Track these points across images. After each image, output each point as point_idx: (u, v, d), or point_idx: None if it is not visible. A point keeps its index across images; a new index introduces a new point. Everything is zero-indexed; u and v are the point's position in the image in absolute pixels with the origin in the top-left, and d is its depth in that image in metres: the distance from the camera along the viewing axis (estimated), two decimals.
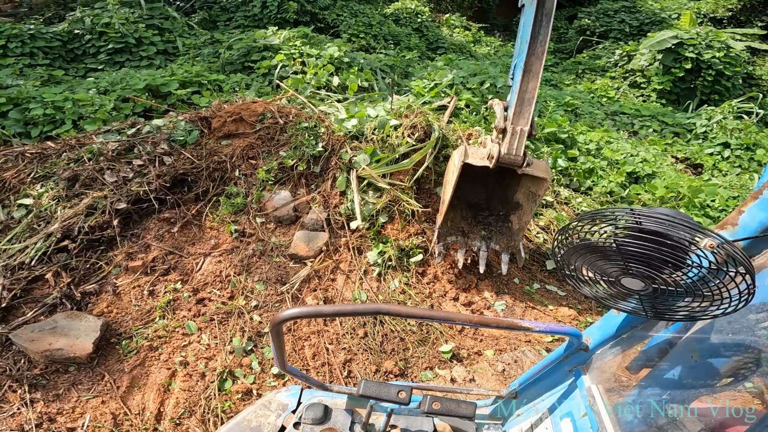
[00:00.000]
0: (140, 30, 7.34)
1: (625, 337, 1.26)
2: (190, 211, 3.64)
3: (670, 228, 0.86)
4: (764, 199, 0.96)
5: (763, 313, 1.04)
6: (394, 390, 1.30)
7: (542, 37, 2.65)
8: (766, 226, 0.95)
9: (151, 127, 4.00)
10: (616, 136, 7.59)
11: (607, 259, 0.97)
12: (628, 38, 12.74)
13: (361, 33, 10.28)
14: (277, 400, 1.64)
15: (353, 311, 1.06)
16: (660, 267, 0.90)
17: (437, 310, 3.04)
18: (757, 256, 1.01)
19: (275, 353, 1.14)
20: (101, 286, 3.15)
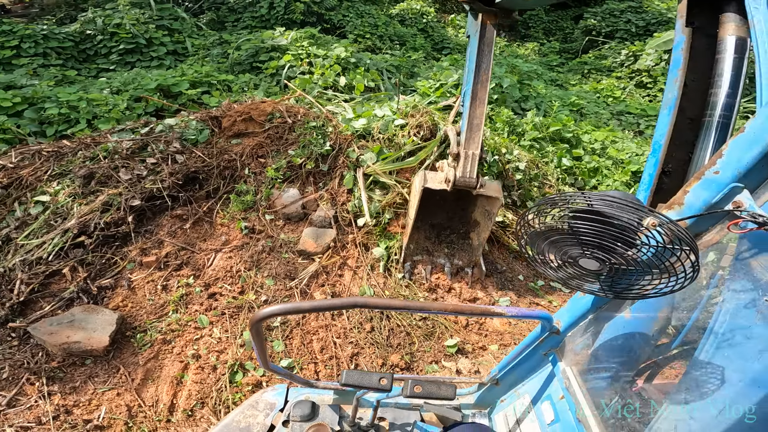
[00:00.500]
0: (150, 31, 7.44)
1: (592, 318, 1.31)
2: (201, 208, 3.73)
3: (617, 209, 0.91)
4: (707, 179, 0.99)
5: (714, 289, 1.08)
6: (376, 378, 1.31)
7: (485, 65, 2.84)
8: (710, 204, 0.99)
9: (163, 126, 4.09)
10: (622, 136, 7.60)
11: (565, 242, 1.01)
12: (635, 38, 12.71)
13: (367, 34, 10.34)
14: (264, 399, 1.65)
15: (330, 306, 1.09)
16: (611, 247, 0.94)
17: (413, 301, 3.09)
18: (704, 233, 1.05)
19: (257, 352, 1.15)
20: (116, 280, 3.24)
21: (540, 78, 10.35)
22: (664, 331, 1.25)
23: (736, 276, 1.02)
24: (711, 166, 0.99)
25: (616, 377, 1.34)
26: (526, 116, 6.17)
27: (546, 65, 12.09)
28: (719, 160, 0.97)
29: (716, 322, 1.03)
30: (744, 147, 0.93)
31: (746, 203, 0.92)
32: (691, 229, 1.03)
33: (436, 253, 3.67)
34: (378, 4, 13.07)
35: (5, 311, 2.93)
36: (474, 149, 2.95)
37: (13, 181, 3.60)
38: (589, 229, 0.94)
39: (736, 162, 0.94)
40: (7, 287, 3.06)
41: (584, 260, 1.01)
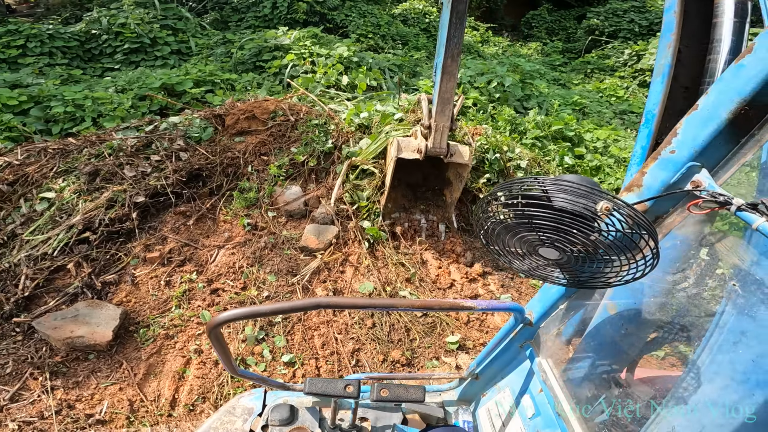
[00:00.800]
0: (155, 30, 7.49)
1: (563, 308, 1.28)
2: (204, 204, 3.76)
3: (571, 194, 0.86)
4: (663, 159, 0.95)
5: (678, 274, 1.05)
6: (341, 385, 1.27)
7: (456, 39, 2.80)
8: (668, 185, 0.95)
9: (167, 124, 4.13)
10: (624, 135, 7.58)
11: (524, 230, 0.96)
12: (638, 38, 12.67)
13: (369, 33, 10.36)
14: (241, 405, 1.61)
15: (291, 308, 1.04)
16: (568, 234, 0.89)
17: (379, 298, 3.08)
18: (666, 215, 1.01)
19: (221, 358, 1.11)
20: (120, 276, 3.27)
21: (542, 77, 10.33)
22: (637, 320, 1.23)
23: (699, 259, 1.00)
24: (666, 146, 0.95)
25: (593, 368, 1.33)
26: (528, 115, 6.17)
27: (549, 65, 12.08)
28: (674, 138, 0.94)
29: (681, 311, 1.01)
30: (699, 124, 0.90)
31: (705, 182, 0.89)
32: (652, 212, 1.00)
33: (413, 209, 3.89)
34: (380, 3, 13.09)
35: (10, 306, 2.97)
36: (444, 122, 3.08)
37: (19, 178, 3.65)
38: (544, 217, 0.89)
39: (691, 140, 0.91)
40: (12, 282, 3.10)
41: (543, 249, 0.97)
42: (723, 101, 0.87)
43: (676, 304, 1.08)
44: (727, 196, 0.84)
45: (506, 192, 0.97)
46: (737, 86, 0.86)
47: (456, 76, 2.94)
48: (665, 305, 1.13)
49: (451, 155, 3.23)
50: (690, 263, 1.04)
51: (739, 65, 0.86)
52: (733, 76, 0.88)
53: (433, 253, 3.74)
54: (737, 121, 0.86)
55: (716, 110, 0.88)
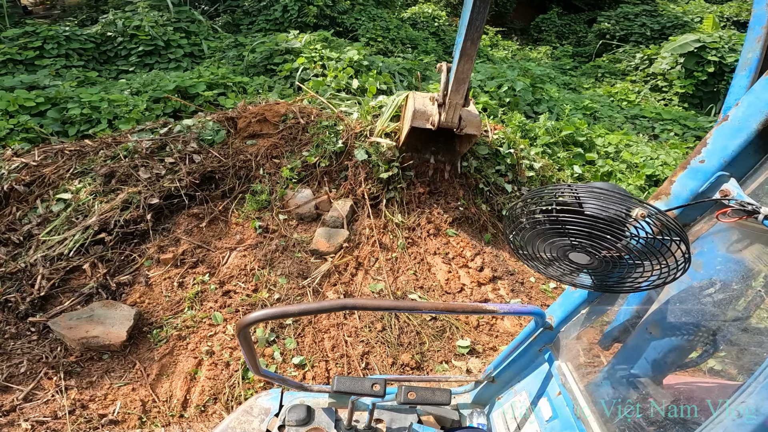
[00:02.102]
0: (168, 33, 7.59)
1: (585, 313, 1.28)
2: (217, 207, 3.80)
3: (605, 201, 0.89)
4: (693, 168, 0.97)
5: (706, 280, 1.06)
6: (368, 383, 1.29)
7: (478, 23, 2.84)
8: (697, 194, 0.97)
9: (181, 126, 4.18)
10: (636, 140, 7.52)
11: (555, 236, 0.98)
12: (649, 42, 12.58)
13: (378, 37, 10.41)
14: (258, 404, 1.62)
15: (319, 309, 1.05)
16: (600, 239, 0.92)
17: (404, 301, 3.09)
18: (692, 223, 1.02)
19: (246, 357, 1.13)
20: (134, 277, 3.31)
21: (553, 81, 10.29)
22: (661, 325, 1.23)
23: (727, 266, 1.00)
24: (696, 155, 0.97)
25: (615, 372, 1.32)
26: (539, 120, 6.15)
27: (559, 69, 12.03)
28: (704, 148, 0.95)
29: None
30: (729, 135, 0.92)
31: (734, 191, 0.90)
32: (679, 220, 1.01)
33: (424, 150, 4.12)
34: (390, 7, 13.14)
35: (26, 306, 3.01)
36: (458, 100, 3.29)
37: (36, 179, 3.71)
38: (577, 223, 0.92)
39: (721, 150, 0.93)
40: (29, 282, 3.15)
41: (574, 254, 0.99)
42: (753, 112, 0.89)
43: (702, 311, 1.09)
44: (755, 205, 0.85)
45: (538, 198, 1.00)
46: (767, 98, 0.87)
47: (473, 59, 3.04)
48: (689, 312, 1.13)
49: (462, 129, 3.44)
50: (718, 271, 1.05)
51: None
52: (763, 88, 0.89)
53: (442, 257, 3.74)
54: (767, 132, 0.88)
55: (746, 121, 0.89)
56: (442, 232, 3.93)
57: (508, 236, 1.10)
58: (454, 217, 4.05)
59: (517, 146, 4.42)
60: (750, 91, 0.92)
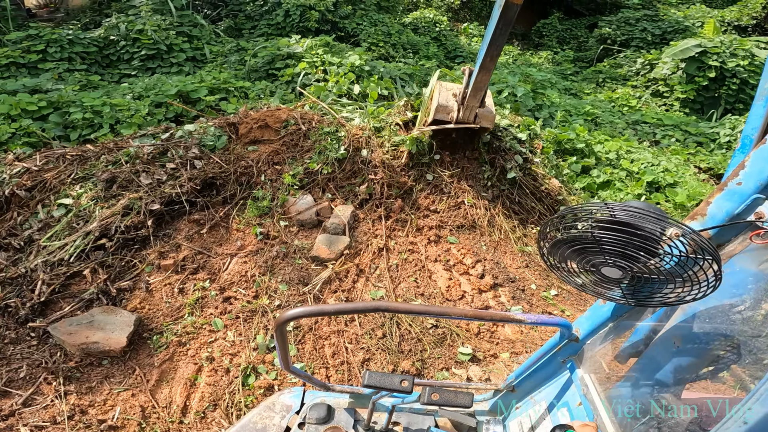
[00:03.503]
0: (171, 37, 7.62)
1: (612, 326, 1.30)
2: (218, 213, 3.80)
3: (640, 219, 0.92)
4: (729, 190, 0.99)
5: (737, 298, 1.08)
6: (397, 380, 1.33)
7: (499, 42, 3.19)
8: (732, 215, 0.99)
9: (183, 132, 4.19)
10: (637, 146, 7.51)
11: (588, 250, 1.02)
12: (650, 47, 12.60)
13: (380, 42, 10.44)
14: (281, 401, 1.66)
15: (353, 309, 1.10)
16: (634, 256, 0.95)
17: (433, 306, 3.12)
18: (726, 243, 1.04)
19: (279, 353, 1.17)
20: (135, 283, 3.31)
21: (554, 87, 10.29)
22: (690, 342, 1.24)
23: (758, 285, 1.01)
24: (734, 177, 0.99)
25: (639, 386, 1.33)
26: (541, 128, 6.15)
27: (560, 74, 12.05)
28: (742, 171, 0.97)
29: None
30: (766, 159, 0.93)
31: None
32: (713, 240, 1.03)
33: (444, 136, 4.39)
34: (391, 12, 13.19)
35: (26, 311, 3.01)
36: (474, 103, 3.78)
37: (37, 183, 3.72)
38: (612, 239, 0.95)
39: (758, 173, 0.94)
40: (29, 287, 3.15)
41: (607, 269, 1.02)
42: None
43: (732, 329, 1.10)
44: None
45: (573, 215, 1.04)
46: None
47: (491, 72, 3.46)
48: (720, 330, 1.15)
49: (477, 123, 3.91)
50: (749, 289, 1.07)
51: None
52: None
53: (443, 264, 3.74)
54: None
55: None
56: (443, 239, 3.93)
57: (541, 250, 1.13)
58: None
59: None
60: None
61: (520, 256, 3.95)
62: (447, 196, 4.24)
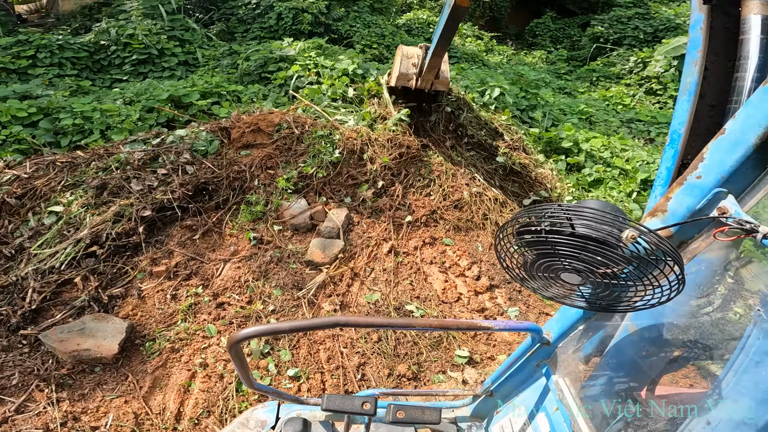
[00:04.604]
0: (162, 41, 7.57)
1: (582, 329, 1.27)
2: (210, 218, 3.77)
3: (595, 223, 0.87)
4: (689, 184, 0.94)
5: (703, 298, 1.04)
6: (358, 402, 1.27)
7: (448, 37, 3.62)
8: (694, 211, 0.94)
9: (174, 137, 4.16)
10: (631, 144, 7.51)
11: (545, 255, 0.97)
12: (643, 45, 12.64)
13: (374, 44, 10.43)
14: (255, 417, 1.61)
15: (310, 326, 1.06)
16: (592, 261, 0.90)
17: (396, 318, 3.11)
18: (689, 241, 0.99)
19: (239, 372, 1.13)
20: (127, 290, 3.28)
21: (548, 86, 10.30)
22: (658, 340, 1.22)
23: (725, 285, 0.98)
24: (693, 171, 0.94)
25: (611, 387, 1.31)
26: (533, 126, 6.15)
27: (554, 73, 12.08)
28: (701, 164, 0.92)
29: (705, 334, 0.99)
30: (726, 149, 0.88)
31: (732, 209, 0.87)
32: (676, 237, 0.99)
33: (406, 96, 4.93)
34: (385, 14, 13.19)
35: (17, 319, 2.99)
36: (430, 77, 4.32)
37: (27, 191, 3.68)
38: (567, 244, 0.90)
39: (718, 165, 0.90)
40: (20, 295, 3.12)
41: (566, 275, 0.97)
42: (751, 125, 0.85)
43: (699, 327, 1.07)
44: (753, 223, 0.82)
45: (528, 218, 0.98)
46: (765, 110, 0.84)
47: (442, 57, 4.00)
48: (687, 328, 1.12)
49: (434, 88, 4.50)
50: (714, 288, 1.03)
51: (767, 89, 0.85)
52: (760, 100, 0.86)
53: (438, 267, 3.73)
54: (765, 147, 0.84)
55: (744, 135, 0.86)
56: (438, 240, 3.92)
57: (499, 257, 1.08)
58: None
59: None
60: (747, 102, 0.89)
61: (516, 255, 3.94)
62: (440, 187, 4.29)
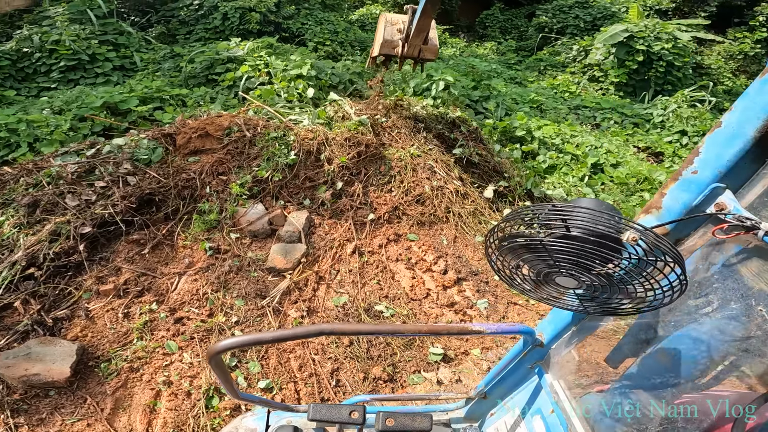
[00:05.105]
0: (93, 46, 7.08)
1: (575, 329, 1.24)
2: (160, 231, 3.53)
3: (591, 224, 0.81)
4: (685, 180, 0.91)
5: (702, 298, 1.00)
6: (346, 411, 1.22)
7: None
8: (690, 207, 0.91)
9: (111, 146, 3.85)
10: (580, 130, 7.83)
11: (539, 258, 0.91)
12: (584, 33, 13.21)
13: (327, 41, 10.26)
14: (244, 425, 1.57)
15: (294, 335, 1.00)
16: (589, 264, 0.84)
17: (384, 324, 3.10)
18: (685, 238, 0.96)
19: (223, 384, 1.08)
20: (73, 311, 3.06)
21: (499, 77, 10.54)
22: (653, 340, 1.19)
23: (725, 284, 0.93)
24: (688, 165, 0.90)
25: (608, 389, 1.30)
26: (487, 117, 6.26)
27: (504, 64, 12.38)
28: (696, 158, 0.88)
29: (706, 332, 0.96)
30: (723, 143, 0.85)
31: (730, 205, 0.84)
32: (671, 235, 0.95)
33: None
34: (337, 10, 13.02)
35: None
36: (417, 42, 4.08)
37: None
38: (563, 247, 0.84)
39: (715, 160, 0.86)
40: None
41: (561, 278, 0.92)
42: (749, 118, 0.82)
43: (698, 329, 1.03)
44: (754, 220, 0.79)
45: (520, 220, 0.91)
46: (764, 102, 0.80)
47: (432, 17, 3.70)
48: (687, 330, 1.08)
49: (422, 56, 4.23)
50: (713, 288, 0.98)
51: (766, 80, 0.81)
52: (758, 92, 0.82)
53: (405, 263, 3.69)
54: (764, 140, 0.81)
55: (742, 128, 0.82)
56: (402, 237, 3.88)
57: (490, 260, 1.02)
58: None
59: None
60: (744, 94, 0.85)
61: (480, 246, 3.97)
62: (400, 183, 4.21)
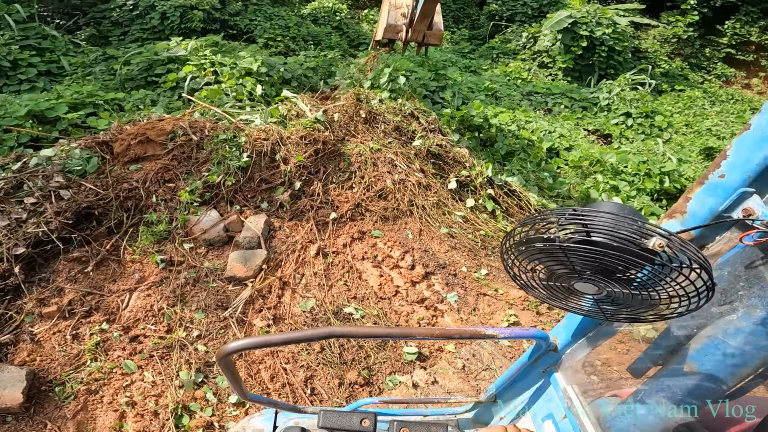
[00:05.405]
0: (14, 52, 6.49)
1: (592, 335, 1.22)
2: (103, 246, 3.25)
3: (614, 231, 0.79)
4: (711, 184, 0.88)
5: (726, 305, 0.98)
6: (357, 419, 1.18)
7: None
8: (716, 212, 0.88)
9: (39, 158, 3.48)
10: (534, 115, 8.02)
11: (557, 264, 0.89)
12: (531, 20, 13.55)
13: (278, 36, 9.94)
14: (251, 426, 1.54)
15: (302, 338, 0.96)
16: (610, 270, 0.82)
17: (395, 328, 3.04)
18: (711, 244, 0.94)
19: (232, 385, 1.07)
20: (17, 335, 2.83)
21: (455, 66, 10.61)
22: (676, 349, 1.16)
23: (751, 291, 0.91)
24: (715, 169, 0.87)
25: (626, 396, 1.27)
26: (444, 106, 6.25)
27: (459, 53, 12.49)
28: (724, 161, 0.85)
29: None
30: (752, 146, 0.82)
31: (758, 210, 0.81)
32: (695, 241, 0.92)
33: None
34: (288, 5, 12.65)
35: None
36: (421, 28, 4.16)
37: None
38: (584, 253, 0.80)
39: (743, 164, 0.83)
40: None
41: (580, 284, 0.89)
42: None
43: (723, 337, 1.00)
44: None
45: (538, 225, 0.86)
46: None
47: (437, 0, 3.81)
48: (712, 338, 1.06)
49: (426, 41, 4.38)
50: (739, 295, 0.95)
51: None
52: None
53: (371, 262, 3.60)
54: None
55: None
56: (367, 234, 3.79)
57: (506, 265, 0.97)
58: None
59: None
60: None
61: (445, 239, 3.95)
62: (361, 178, 4.11)
